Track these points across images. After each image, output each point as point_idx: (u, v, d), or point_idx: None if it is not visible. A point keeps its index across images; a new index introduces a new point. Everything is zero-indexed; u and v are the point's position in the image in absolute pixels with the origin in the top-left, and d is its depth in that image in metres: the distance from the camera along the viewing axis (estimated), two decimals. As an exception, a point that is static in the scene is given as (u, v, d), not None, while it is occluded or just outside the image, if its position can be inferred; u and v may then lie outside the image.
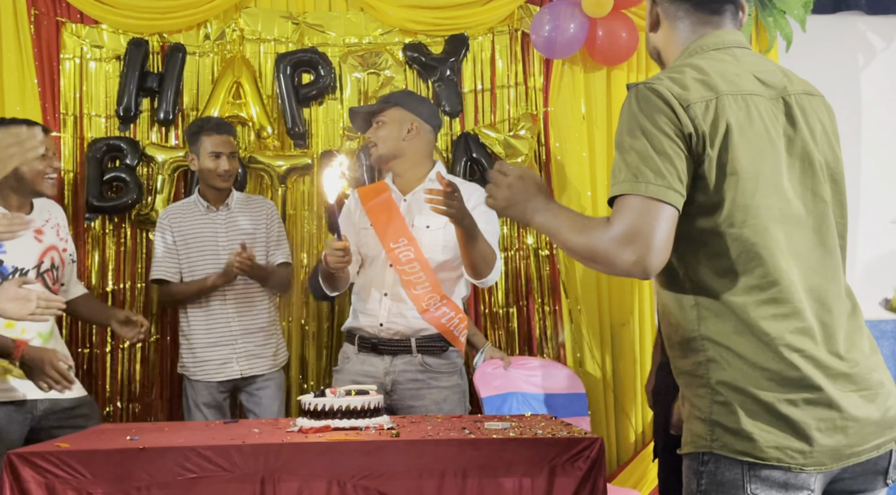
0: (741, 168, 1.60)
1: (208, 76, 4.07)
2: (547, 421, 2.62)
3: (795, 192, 1.65)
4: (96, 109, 4.01)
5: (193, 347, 3.54)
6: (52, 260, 3.13)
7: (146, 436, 2.38)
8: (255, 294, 3.55)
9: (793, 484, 1.59)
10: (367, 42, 4.17)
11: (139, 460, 2.17)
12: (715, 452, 1.62)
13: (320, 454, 2.20)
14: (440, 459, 2.21)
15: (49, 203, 3.27)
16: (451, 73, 4.12)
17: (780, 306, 1.60)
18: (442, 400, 3.00)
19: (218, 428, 2.64)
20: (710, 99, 1.62)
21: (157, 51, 4.06)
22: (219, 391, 3.53)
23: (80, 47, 4.01)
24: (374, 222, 3.06)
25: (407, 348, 3.00)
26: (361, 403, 2.45)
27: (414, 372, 3.00)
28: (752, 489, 1.60)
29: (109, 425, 2.84)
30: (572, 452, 2.22)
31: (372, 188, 3.23)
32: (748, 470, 1.60)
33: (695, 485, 1.65)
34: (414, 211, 3.05)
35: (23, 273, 3.03)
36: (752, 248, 1.60)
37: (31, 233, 3.07)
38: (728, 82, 1.65)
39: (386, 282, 3.01)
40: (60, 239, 3.20)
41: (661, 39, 1.82)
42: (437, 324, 3.00)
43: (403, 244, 3.00)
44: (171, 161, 3.97)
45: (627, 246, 1.53)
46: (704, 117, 1.60)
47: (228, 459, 2.18)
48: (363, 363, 3.04)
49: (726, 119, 1.61)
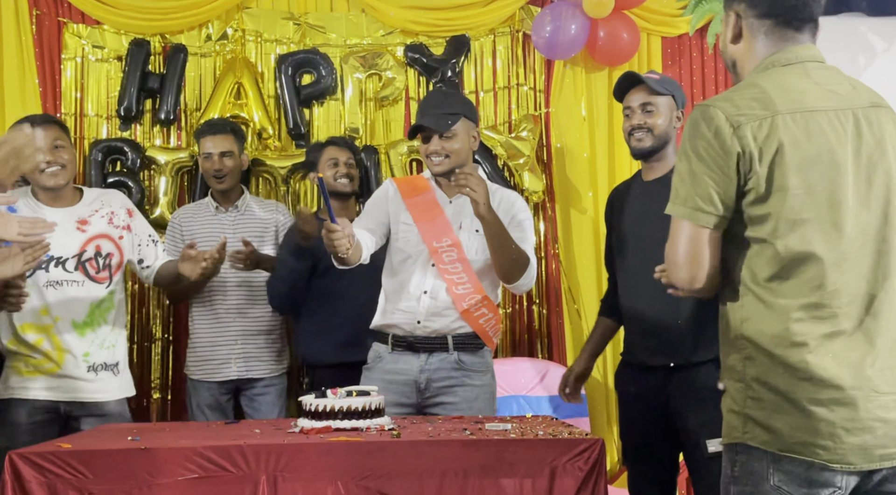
0: (791, 184, 1.72)
1: (210, 77, 4.08)
2: (548, 423, 2.62)
3: (860, 202, 1.75)
4: (97, 110, 4.02)
5: (196, 346, 3.56)
6: (98, 248, 3.14)
7: (147, 436, 2.38)
8: (258, 296, 3.55)
9: (816, 479, 1.69)
10: (368, 43, 4.17)
11: (140, 460, 2.17)
12: (746, 443, 1.75)
13: (321, 455, 2.20)
14: (441, 460, 2.21)
15: (105, 192, 3.34)
16: (453, 75, 4.13)
17: (819, 310, 1.72)
18: (474, 398, 3.00)
19: (219, 428, 2.65)
20: (764, 117, 1.74)
21: (158, 51, 4.08)
22: (220, 392, 3.54)
23: (81, 48, 4.02)
24: (416, 219, 3.04)
25: (444, 346, 2.99)
26: (362, 404, 2.45)
27: (448, 370, 2.99)
28: (776, 481, 1.72)
29: (111, 425, 2.85)
30: (573, 453, 2.22)
31: (410, 182, 3.17)
32: (772, 462, 1.72)
33: (729, 471, 1.81)
34: (464, 213, 3.03)
35: (61, 261, 3.07)
36: (797, 257, 1.73)
37: (74, 224, 3.11)
38: (789, 100, 1.77)
39: (427, 281, 2.99)
40: (115, 226, 3.20)
41: (741, 52, 1.92)
42: (474, 325, 3.00)
43: (447, 244, 2.99)
44: (173, 162, 3.98)
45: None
46: (756, 136, 1.73)
47: (230, 459, 2.18)
48: (397, 361, 3.01)
49: (779, 137, 1.73)
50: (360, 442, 2.24)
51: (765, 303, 1.75)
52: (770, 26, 1.86)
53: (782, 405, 1.71)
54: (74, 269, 3.09)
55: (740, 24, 1.90)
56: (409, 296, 2.99)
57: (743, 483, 1.76)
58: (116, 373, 3.15)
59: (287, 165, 4.02)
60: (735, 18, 1.90)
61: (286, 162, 4.03)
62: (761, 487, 1.73)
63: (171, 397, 3.96)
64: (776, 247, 1.73)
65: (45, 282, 3.05)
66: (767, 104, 1.75)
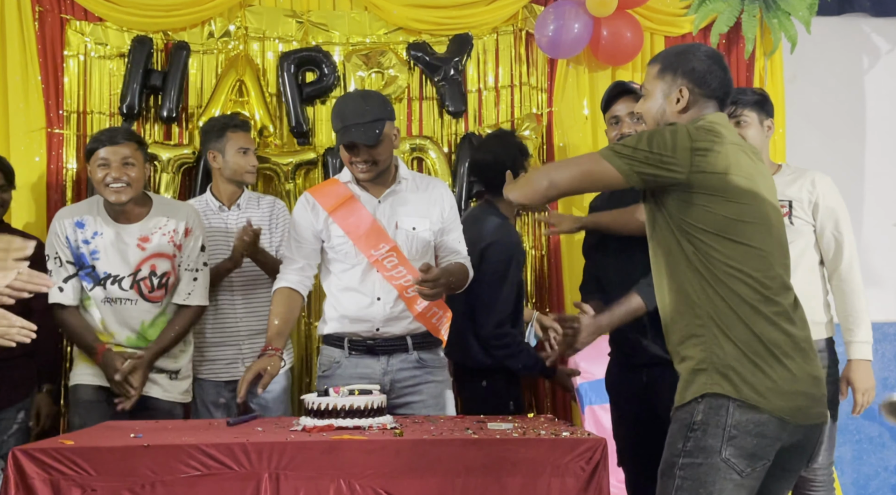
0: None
1: (212, 74, 4.09)
2: (550, 422, 2.64)
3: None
4: (99, 107, 4.02)
5: (202, 346, 3.56)
6: (153, 267, 3.18)
7: (150, 434, 2.39)
8: (263, 294, 3.56)
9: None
10: (370, 41, 4.18)
11: (143, 457, 2.18)
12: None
13: (324, 453, 2.21)
14: (443, 459, 2.22)
15: (174, 206, 3.31)
16: (455, 73, 4.14)
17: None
18: (438, 394, 3.02)
19: (221, 426, 2.66)
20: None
21: (160, 48, 4.09)
22: (227, 390, 3.54)
23: (83, 44, 4.03)
24: (348, 232, 2.96)
25: (403, 346, 3.00)
26: (365, 402, 2.46)
27: (410, 369, 3.00)
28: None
29: (114, 422, 2.86)
30: (575, 453, 2.23)
31: (328, 193, 3.04)
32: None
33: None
34: (397, 212, 2.99)
35: (117, 280, 3.15)
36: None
37: (135, 241, 3.16)
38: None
39: (376, 288, 2.96)
40: (174, 245, 3.21)
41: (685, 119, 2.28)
42: (427, 324, 3.01)
43: (385, 250, 2.95)
44: (175, 159, 3.99)
45: None
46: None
47: (232, 457, 2.19)
48: (357, 366, 3.00)
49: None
50: (363, 440, 2.25)
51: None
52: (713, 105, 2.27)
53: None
54: (129, 288, 3.16)
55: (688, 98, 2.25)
56: (360, 304, 2.96)
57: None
58: (173, 378, 3.25)
59: (291, 162, 4.03)
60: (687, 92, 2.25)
61: (289, 158, 4.04)
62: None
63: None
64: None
65: (102, 299, 3.16)
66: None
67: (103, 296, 3.16)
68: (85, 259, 3.15)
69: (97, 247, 3.16)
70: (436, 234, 3.02)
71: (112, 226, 3.17)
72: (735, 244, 2.07)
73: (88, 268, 3.15)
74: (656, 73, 2.27)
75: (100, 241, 3.16)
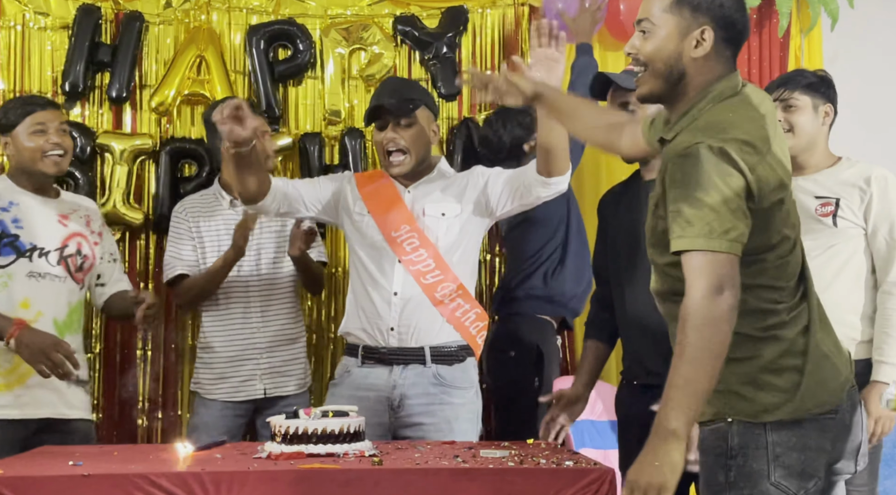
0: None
1: (170, 49, 4.08)
2: (551, 450, 2.63)
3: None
4: (39, 86, 4.00)
5: (212, 362, 3.53)
6: (79, 246, 3.23)
7: (92, 461, 2.37)
8: (283, 300, 3.54)
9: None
10: (352, 13, 4.18)
11: (82, 488, 2.16)
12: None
13: (291, 484, 2.20)
14: (429, 491, 2.21)
15: (80, 197, 3.45)
16: (448, 50, 4.13)
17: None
18: (454, 418, 3.02)
19: (175, 452, 2.63)
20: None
21: (110, 19, 4.07)
22: (236, 413, 3.51)
23: (21, 14, 4.01)
24: (371, 209, 3.12)
25: (420, 357, 3.02)
26: (339, 426, 2.45)
27: (426, 385, 3.01)
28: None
29: (53, 447, 2.83)
30: (580, 485, 2.22)
31: (366, 175, 3.35)
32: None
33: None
34: (425, 199, 3.12)
35: (43, 253, 3.13)
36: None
37: (56, 216, 3.19)
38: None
39: (396, 279, 3.03)
40: (91, 231, 3.30)
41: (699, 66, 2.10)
42: (451, 318, 3.03)
43: (405, 231, 3.05)
44: (129, 150, 3.97)
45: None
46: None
47: (185, 488, 2.17)
48: (366, 376, 3.04)
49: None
50: (337, 469, 2.24)
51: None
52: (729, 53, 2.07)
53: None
54: (57, 263, 3.16)
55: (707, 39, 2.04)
56: (378, 298, 3.04)
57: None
58: (88, 390, 3.25)
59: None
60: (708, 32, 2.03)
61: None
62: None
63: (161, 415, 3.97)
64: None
65: (27, 273, 3.11)
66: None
67: (28, 270, 3.11)
68: (5, 226, 3.11)
69: (18, 216, 3.13)
70: (479, 212, 3.10)
71: (29, 196, 3.17)
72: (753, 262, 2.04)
73: (11, 236, 3.11)
74: (670, 4, 2.05)
75: (18, 211, 3.14)
